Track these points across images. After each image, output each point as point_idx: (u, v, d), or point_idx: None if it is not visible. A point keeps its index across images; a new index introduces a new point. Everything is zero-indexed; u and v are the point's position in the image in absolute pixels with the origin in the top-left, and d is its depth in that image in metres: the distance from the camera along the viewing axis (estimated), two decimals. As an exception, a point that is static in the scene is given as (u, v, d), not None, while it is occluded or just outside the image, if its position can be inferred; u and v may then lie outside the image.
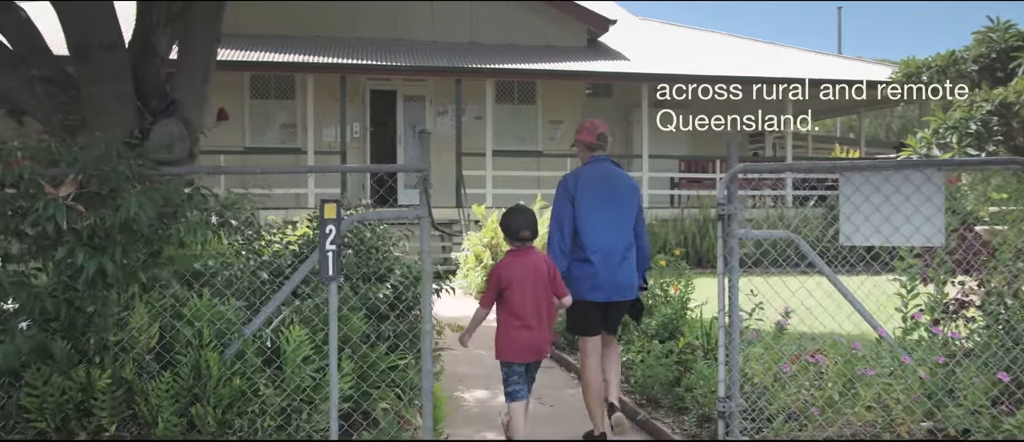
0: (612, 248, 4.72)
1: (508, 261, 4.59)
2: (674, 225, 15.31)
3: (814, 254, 4.26)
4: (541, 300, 4.52)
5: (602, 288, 4.73)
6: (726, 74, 16.78)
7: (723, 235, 4.25)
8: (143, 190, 3.70)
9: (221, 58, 15.18)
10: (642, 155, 17.02)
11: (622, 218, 4.80)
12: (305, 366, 3.94)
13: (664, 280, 7.37)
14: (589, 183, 4.81)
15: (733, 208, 4.21)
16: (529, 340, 4.49)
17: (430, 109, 17.60)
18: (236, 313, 3.94)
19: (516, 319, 4.48)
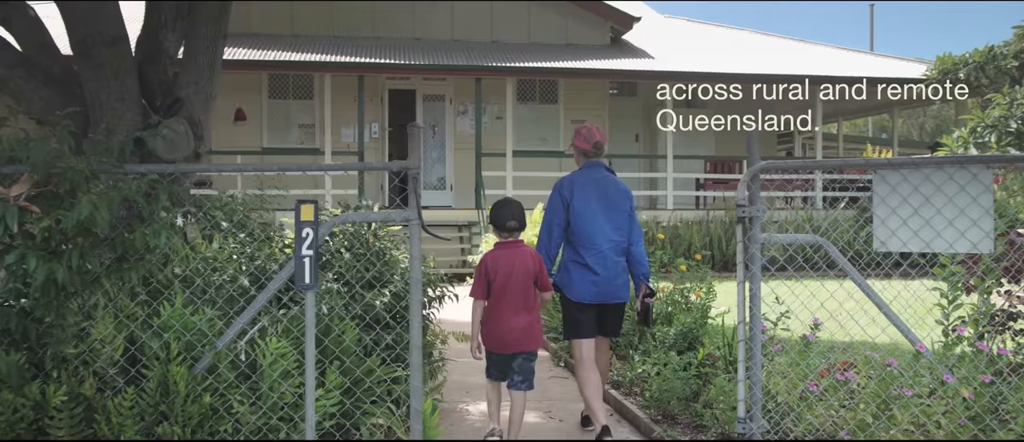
0: (606, 251, 4.82)
1: (495, 253, 4.68)
2: (700, 227, 14.85)
3: (845, 260, 3.86)
4: (525, 292, 4.61)
5: (595, 289, 4.82)
6: (753, 72, 16.34)
7: (743, 239, 3.86)
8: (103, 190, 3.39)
9: (237, 58, 15.09)
10: (667, 156, 16.56)
11: (615, 222, 4.89)
12: (284, 382, 3.61)
13: (685, 285, 6.97)
14: (583, 187, 4.90)
15: (755, 210, 3.82)
16: (510, 332, 4.59)
17: (450, 109, 17.29)
18: (209, 323, 3.62)
19: (500, 311, 4.59)
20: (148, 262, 3.56)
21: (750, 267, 3.87)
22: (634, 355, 6.23)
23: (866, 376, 3.95)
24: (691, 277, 7.08)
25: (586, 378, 4.80)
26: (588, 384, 4.78)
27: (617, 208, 4.90)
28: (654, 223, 14.74)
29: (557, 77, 16.97)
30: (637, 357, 6.12)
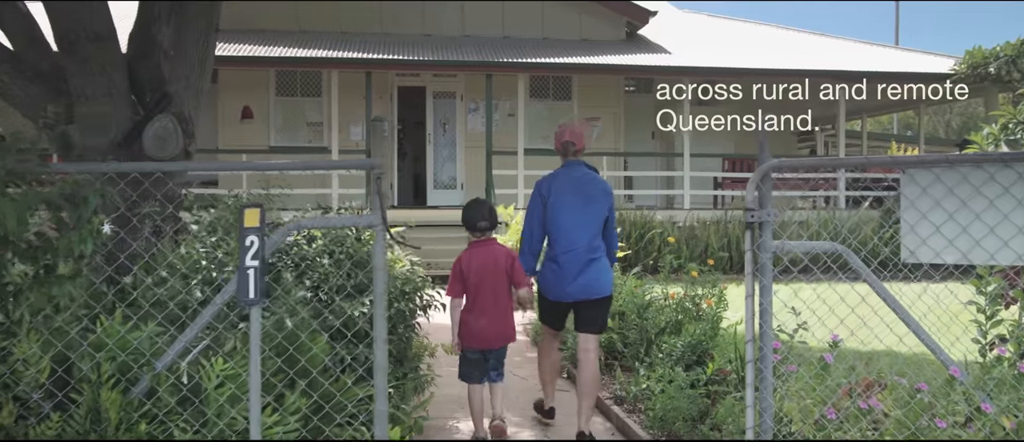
0: (580, 249, 4.87)
1: (469, 253, 4.87)
2: (717, 227, 14.35)
3: (868, 271, 3.40)
4: (498, 290, 4.78)
5: (570, 288, 4.88)
6: (773, 68, 15.82)
7: (752, 247, 3.42)
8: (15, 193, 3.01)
9: (242, 54, 14.76)
10: (683, 154, 16.06)
11: (591, 220, 4.92)
12: (232, 406, 3.21)
13: (695, 293, 6.52)
14: (561, 186, 4.98)
15: (765, 215, 3.37)
16: (485, 327, 4.76)
17: (461, 106, 16.89)
18: (150, 341, 3.23)
19: (475, 307, 4.77)
20: (81, 274, 3.17)
21: (760, 278, 3.42)
22: (639, 368, 5.80)
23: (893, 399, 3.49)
24: (703, 282, 6.63)
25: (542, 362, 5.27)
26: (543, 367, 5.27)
27: (593, 207, 4.94)
28: (670, 223, 14.26)
29: (570, 73, 16.52)
30: (643, 370, 5.69)
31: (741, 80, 16.78)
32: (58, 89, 7.69)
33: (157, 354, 3.24)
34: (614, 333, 6.62)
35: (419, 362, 5.33)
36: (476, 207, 4.97)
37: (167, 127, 7.65)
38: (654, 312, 6.57)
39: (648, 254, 13.27)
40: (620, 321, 6.77)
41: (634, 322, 6.59)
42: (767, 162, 3.37)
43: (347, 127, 16.14)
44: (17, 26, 7.68)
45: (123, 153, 7.77)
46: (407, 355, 5.11)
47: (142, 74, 8.17)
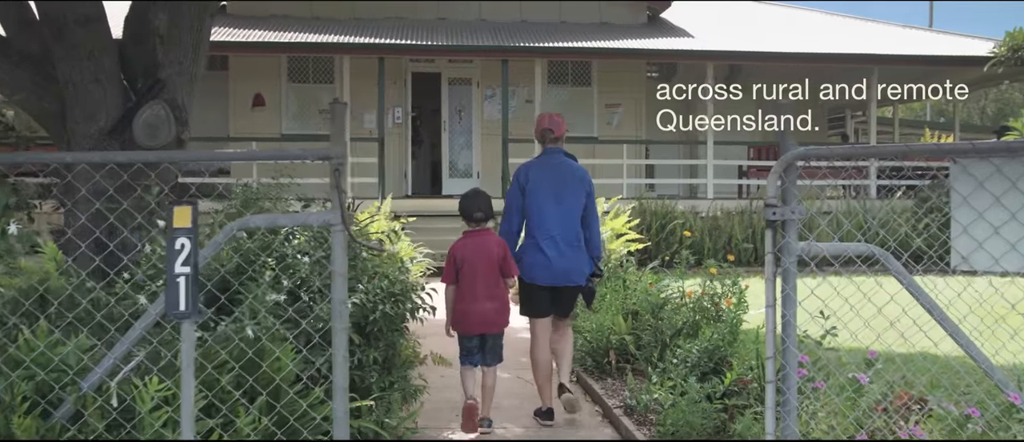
0: (558, 235, 5.01)
1: (463, 241, 5.00)
2: (741, 218, 13.78)
3: (910, 278, 2.91)
4: (490, 278, 4.91)
5: (549, 273, 5.02)
6: (801, 51, 15.19)
7: (774, 250, 2.94)
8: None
9: (253, 40, 14.40)
10: (706, 141, 15.49)
11: (570, 207, 5.05)
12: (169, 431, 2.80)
13: (714, 291, 6.03)
14: (538, 174, 5.11)
15: (789, 212, 2.89)
16: (478, 314, 4.89)
17: (477, 93, 16.43)
18: (76, 357, 2.81)
19: (467, 295, 4.90)
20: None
21: (783, 285, 2.95)
22: (652, 374, 5.33)
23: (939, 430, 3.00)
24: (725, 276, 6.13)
25: (537, 360, 5.13)
26: (538, 369, 5.13)
27: (570, 194, 5.06)
28: (692, 214, 13.72)
29: (589, 58, 15.98)
30: (655, 377, 5.22)
31: (768, 64, 16.23)
32: (47, 74, 7.35)
33: (84, 373, 2.83)
34: (627, 335, 6.16)
35: (410, 369, 4.90)
36: (473, 198, 5.10)
37: (158, 114, 7.27)
38: (670, 312, 6.10)
39: (669, 246, 12.75)
40: (634, 321, 6.31)
41: (648, 322, 6.12)
42: (791, 150, 2.89)
43: (360, 115, 15.74)
44: (7, 9, 7.35)
45: (113, 141, 7.41)
46: (395, 362, 4.68)
47: (134, 59, 7.81)
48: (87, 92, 7.24)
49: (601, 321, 6.33)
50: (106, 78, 7.29)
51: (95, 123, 7.28)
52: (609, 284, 7.10)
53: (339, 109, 2.78)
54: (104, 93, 7.30)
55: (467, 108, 16.46)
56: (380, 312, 4.45)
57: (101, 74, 7.25)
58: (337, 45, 14.43)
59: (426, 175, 17.26)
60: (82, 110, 7.28)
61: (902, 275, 2.88)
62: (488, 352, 4.97)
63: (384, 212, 11.29)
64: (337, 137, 2.77)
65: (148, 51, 7.53)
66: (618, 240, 10.12)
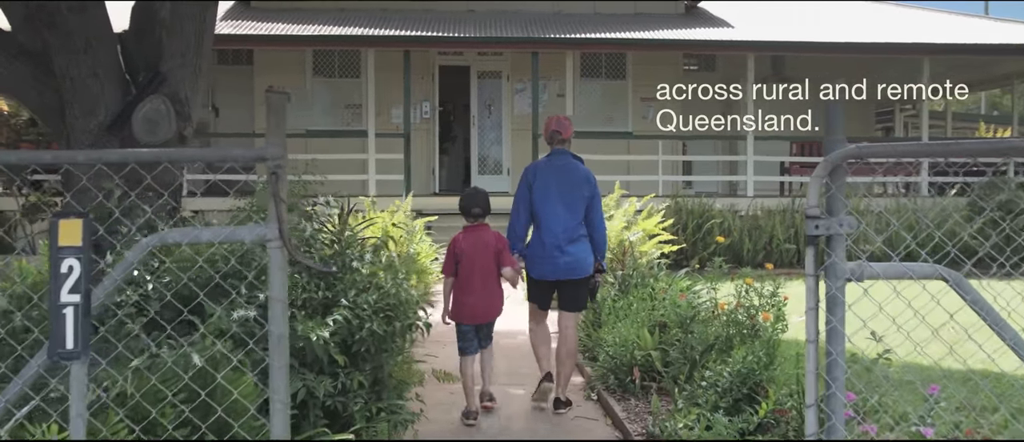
0: (561, 233, 5.28)
1: (462, 235, 5.32)
2: (783, 217, 13.05)
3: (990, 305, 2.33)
4: (486, 271, 5.24)
5: (552, 268, 5.32)
6: (847, 41, 14.41)
7: (816, 271, 2.37)
8: None
9: (276, 33, 14.03)
10: (746, 136, 14.77)
11: (573, 206, 5.33)
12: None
13: (750, 302, 5.43)
14: (544, 174, 5.41)
15: (836, 224, 2.32)
16: (474, 305, 5.25)
17: (507, 86, 15.89)
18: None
19: (465, 287, 5.25)
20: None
21: (828, 316, 2.38)
22: (679, 398, 4.77)
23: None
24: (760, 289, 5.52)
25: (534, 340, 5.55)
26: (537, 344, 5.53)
27: (575, 194, 5.35)
28: (731, 212, 13.03)
29: (624, 49, 15.34)
30: (681, 402, 4.66)
31: (812, 56, 15.47)
32: (47, 68, 7.01)
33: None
34: (653, 350, 5.59)
35: (406, 390, 4.40)
36: (472, 196, 5.46)
37: (159, 109, 6.87)
38: (701, 325, 5.52)
39: (705, 246, 12.10)
40: (661, 334, 5.74)
41: (677, 337, 5.55)
42: (841, 148, 2.31)
43: (388, 109, 15.32)
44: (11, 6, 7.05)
45: (111, 138, 7.04)
46: (386, 385, 4.18)
47: (137, 52, 7.44)
48: (85, 86, 6.87)
49: (625, 335, 5.77)
50: (104, 71, 6.92)
51: (94, 118, 6.90)
52: (635, 292, 6.54)
53: (276, 100, 2.28)
54: (102, 87, 6.93)
55: (497, 102, 15.95)
56: (367, 330, 3.96)
57: (99, 67, 6.88)
58: (361, 38, 13.98)
59: (459, 172, 16.75)
60: (80, 105, 6.91)
61: (980, 306, 2.30)
62: (483, 338, 5.38)
63: (404, 209, 10.85)
64: (275, 134, 2.27)
65: (153, 44, 7.14)
66: (650, 241, 9.54)
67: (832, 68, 16.04)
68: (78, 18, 6.74)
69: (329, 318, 3.87)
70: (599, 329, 6.41)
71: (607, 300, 6.80)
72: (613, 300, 6.65)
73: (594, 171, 13.85)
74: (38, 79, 6.95)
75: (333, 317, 3.86)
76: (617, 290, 7.20)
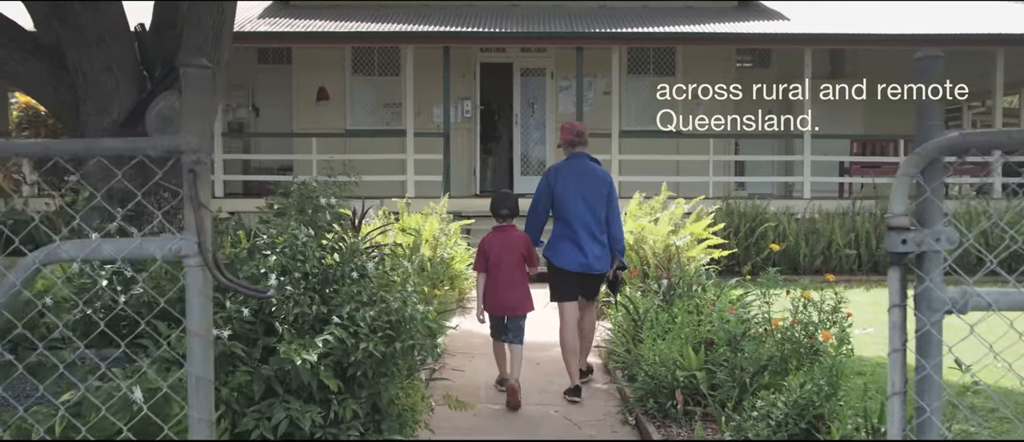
0: (583, 229, 5.68)
1: (492, 236, 5.82)
2: (842, 220, 12.26)
3: None
4: (513, 268, 5.70)
5: (576, 261, 5.71)
6: (913, 33, 13.53)
7: (901, 300, 1.79)
8: None
9: (312, 29, 13.69)
10: (803, 135, 13.98)
11: (594, 205, 5.76)
12: None
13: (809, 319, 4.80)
14: (566, 175, 5.81)
15: (931, 239, 1.74)
16: (502, 299, 5.70)
17: (551, 84, 15.33)
18: None
19: (494, 282, 5.70)
20: None
21: (921, 360, 1.79)
22: (726, 427, 4.18)
23: None
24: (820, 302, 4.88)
25: (565, 340, 5.82)
26: (566, 349, 5.83)
27: (594, 193, 5.79)
28: (787, 215, 12.29)
29: (673, 44, 14.67)
30: (728, 432, 4.07)
31: (875, 49, 14.62)
32: (62, 64, 6.72)
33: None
34: (698, 371, 4.99)
35: (409, 420, 3.88)
36: (500, 198, 5.99)
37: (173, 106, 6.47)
38: (752, 343, 4.91)
39: (759, 251, 11.39)
40: (707, 353, 5.14)
41: (724, 357, 4.94)
42: (936, 138, 1.72)
43: (428, 108, 14.90)
44: (40, 1, 6.78)
45: (126, 135, 6.72)
46: (386, 414, 3.67)
47: (153, 46, 7.12)
48: (98, 82, 6.55)
49: (666, 353, 5.18)
50: (119, 67, 6.58)
51: (108, 115, 6.57)
52: (679, 304, 5.95)
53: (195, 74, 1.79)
54: (117, 83, 6.60)
55: (540, 100, 15.40)
56: (362, 351, 3.46)
57: (113, 62, 6.55)
58: (399, 34, 13.56)
59: (501, 172, 16.22)
60: (94, 101, 6.59)
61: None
62: (511, 332, 5.73)
63: (440, 211, 10.38)
64: (193, 119, 1.78)
65: (170, 38, 6.81)
66: (698, 246, 8.90)
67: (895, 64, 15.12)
68: (90, 12, 6.41)
69: (318, 338, 3.38)
70: (639, 345, 5.83)
71: (649, 311, 6.21)
72: (656, 312, 6.07)
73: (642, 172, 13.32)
74: (54, 75, 6.66)
75: (322, 337, 3.37)
76: (661, 300, 6.61)
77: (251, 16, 14.40)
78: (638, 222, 8.98)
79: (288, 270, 3.64)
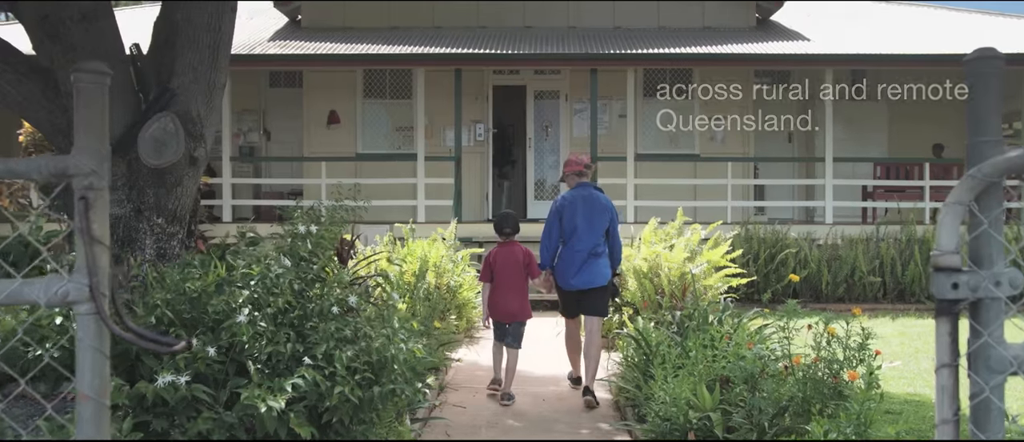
0: (587, 251, 6.34)
1: (496, 250, 6.62)
2: (866, 246, 11.82)
3: None
4: (515, 278, 6.49)
5: (579, 279, 6.36)
6: (938, 53, 13.12)
7: (951, 358, 1.43)
8: None
9: (322, 52, 13.50)
10: (825, 158, 13.58)
11: (597, 229, 6.41)
12: None
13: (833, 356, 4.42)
14: (573, 203, 6.46)
15: (989, 283, 1.39)
16: (505, 306, 6.46)
17: (565, 107, 15.03)
18: None
19: (497, 291, 6.49)
20: None
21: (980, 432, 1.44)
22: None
23: None
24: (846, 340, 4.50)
25: (569, 343, 6.71)
26: (570, 348, 6.69)
27: (598, 219, 6.42)
28: (807, 241, 11.87)
29: (689, 65, 14.33)
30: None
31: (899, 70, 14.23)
32: (56, 86, 6.52)
33: None
34: (712, 412, 4.62)
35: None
36: (502, 219, 6.88)
37: (167, 128, 6.25)
38: (771, 382, 4.54)
39: (779, 278, 10.97)
40: (723, 391, 4.77)
41: (741, 396, 4.57)
42: (997, 156, 1.38)
43: (441, 131, 14.65)
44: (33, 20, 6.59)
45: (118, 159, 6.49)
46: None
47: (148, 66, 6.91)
48: (89, 103, 6.33)
49: (677, 392, 4.81)
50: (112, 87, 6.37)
51: (102, 139, 6.36)
52: (693, 337, 5.57)
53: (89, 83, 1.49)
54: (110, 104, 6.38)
55: (555, 124, 15.10)
56: (338, 395, 3.13)
57: (106, 83, 6.34)
58: (410, 56, 13.35)
59: (518, 197, 15.87)
60: (88, 124, 6.37)
61: None
62: (511, 336, 6.42)
63: (449, 237, 10.06)
64: (87, 137, 1.47)
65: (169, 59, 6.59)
66: (716, 274, 8.52)
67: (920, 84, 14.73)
68: (83, 29, 6.20)
69: (288, 381, 3.06)
70: (650, 382, 5.46)
71: (661, 345, 5.85)
72: (668, 346, 5.70)
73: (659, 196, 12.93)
74: (47, 97, 6.46)
75: (292, 379, 3.05)
76: (674, 331, 6.25)
77: (262, 39, 14.25)
78: (653, 249, 8.62)
79: (260, 305, 3.33)
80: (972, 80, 1.41)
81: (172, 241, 6.64)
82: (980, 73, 1.38)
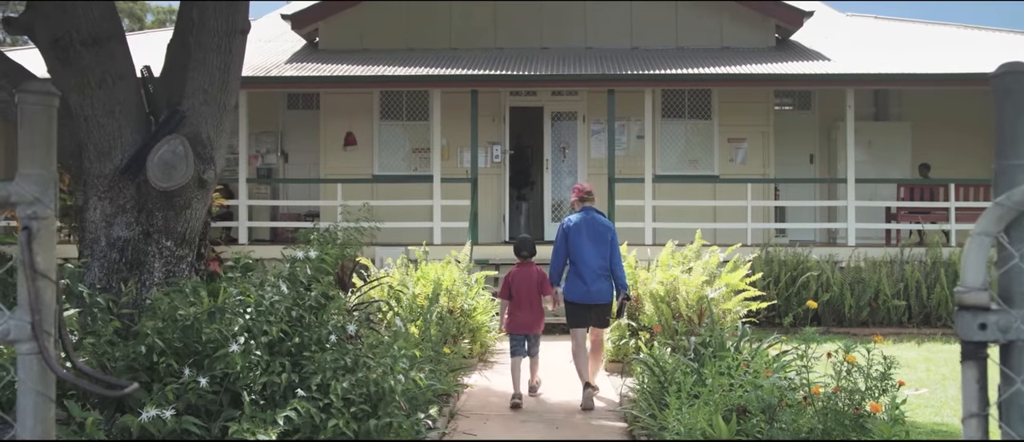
0: (591, 270, 7.03)
1: (514, 270, 7.44)
2: (890, 269, 11.57)
3: None
4: (532, 296, 7.26)
5: (585, 295, 7.04)
6: (964, 72, 12.90)
7: (980, 407, 1.28)
8: None
9: (337, 74, 13.50)
10: (847, 179, 13.36)
11: (600, 250, 7.09)
12: None
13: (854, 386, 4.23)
14: (578, 226, 7.15)
15: (1020, 322, 1.24)
16: (522, 320, 7.23)
17: (583, 128, 14.91)
18: None
19: (516, 306, 7.26)
20: None
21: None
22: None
23: None
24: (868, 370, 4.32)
25: (576, 353, 7.09)
26: (578, 359, 7.07)
27: (601, 241, 7.08)
28: (829, 263, 11.63)
29: (708, 85, 14.17)
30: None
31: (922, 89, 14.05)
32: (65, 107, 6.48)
33: None
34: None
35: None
36: (521, 243, 7.60)
37: (176, 151, 6.19)
38: (790, 412, 4.36)
39: (800, 302, 10.74)
40: (739, 422, 4.60)
41: (758, 428, 4.40)
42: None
43: (458, 153, 14.58)
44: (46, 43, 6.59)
45: (127, 182, 6.44)
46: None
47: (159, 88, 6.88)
48: (100, 126, 6.29)
49: (693, 422, 4.64)
50: (122, 110, 6.33)
51: (110, 161, 6.29)
52: (710, 365, 5.40)
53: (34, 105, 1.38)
54: (120, 127, 6.34)
55: (572, 145, 14.98)
56: (332, 428, 3.00)
57: (115, 105, 6.29)
58: (427, 77, 13.31)
59: (536, 218, 15.73)
60: (95, 147, 6.33)
61: None
62: (531, 346, 7.27)
63: (463, 259, 9.94)
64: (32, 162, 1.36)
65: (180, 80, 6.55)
66: (735, 298, 8.33)
67: (947, 106, 14.51)
68: (92, 52, 6.18)
69: (280, 413, 2.93)
70: (665, 411, 5.28)
71: (677, 372, 5.67)
72: (684, 373, 5.53)
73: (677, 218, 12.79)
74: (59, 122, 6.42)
75: (285, 412, 2.93)
76: (690, 358, 6.07)
77: (279, 61, 14.28)
78: (670, 272, 8.44)
79: (255, 333, 3.22)
80: (1000, 97, 1.27)
81: (181, 264, 6.56)
82: (1009, 89, 1.23)
